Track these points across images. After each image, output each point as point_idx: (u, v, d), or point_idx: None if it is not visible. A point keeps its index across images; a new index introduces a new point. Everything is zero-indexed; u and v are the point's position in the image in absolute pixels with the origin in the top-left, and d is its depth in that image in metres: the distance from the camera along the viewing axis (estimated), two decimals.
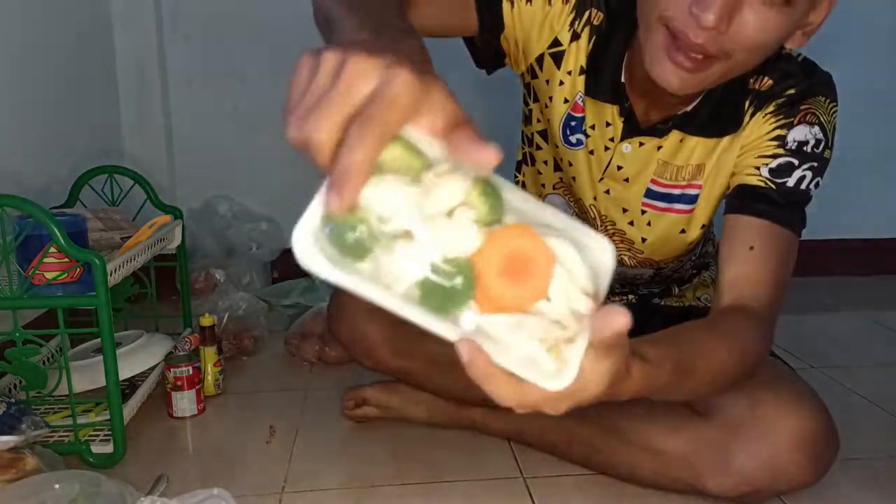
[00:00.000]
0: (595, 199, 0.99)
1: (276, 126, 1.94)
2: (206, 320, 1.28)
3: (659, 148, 0.92)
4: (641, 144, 0.93)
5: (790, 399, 0.85)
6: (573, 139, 0.97)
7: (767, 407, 0.85)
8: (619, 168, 0.95)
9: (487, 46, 0.94)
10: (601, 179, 0.97)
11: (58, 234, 0.95)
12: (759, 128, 0.87)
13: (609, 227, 1.01)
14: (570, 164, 1.00)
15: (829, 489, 0.93)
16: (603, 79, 0.91)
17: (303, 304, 1.71)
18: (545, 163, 1.04)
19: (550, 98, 0.97)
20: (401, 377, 1.11)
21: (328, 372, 1.41)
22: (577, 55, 0.93)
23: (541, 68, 0.95)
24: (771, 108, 0.87)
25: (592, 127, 0.94)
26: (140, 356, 1.23)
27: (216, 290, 1.73)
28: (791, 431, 0.83)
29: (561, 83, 0.95)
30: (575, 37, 0.92)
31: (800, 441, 0.83)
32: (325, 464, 1.05)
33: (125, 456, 1.04)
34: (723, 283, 0.84)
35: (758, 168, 0.86)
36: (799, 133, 0.85)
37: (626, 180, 0.96)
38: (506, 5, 0.89)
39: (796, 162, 0.85)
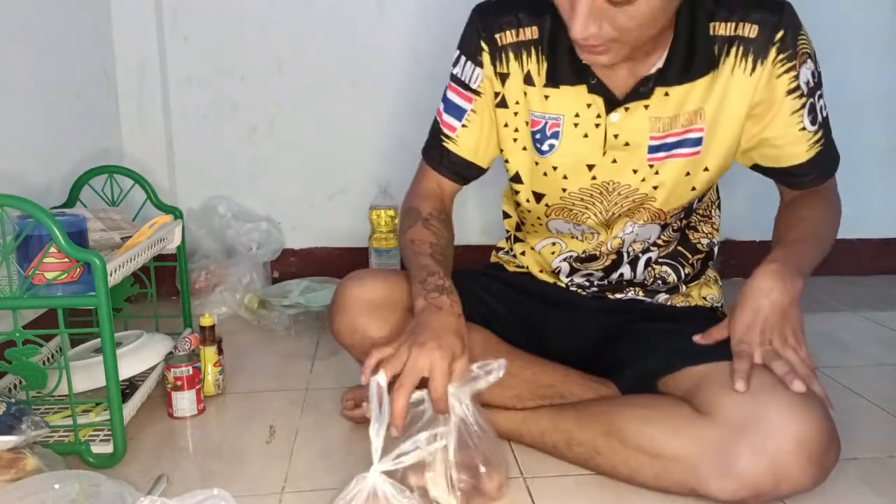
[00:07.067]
0: (594, 177, 1.03)
1: (276, 126, 1.94)
2: (206, 320, 1.28)
3: (646, 107, 0.98)
4: (627, 110, 0.98)
5: (793, 403, 0.85)
6: (545, 147, 1.04)
7: (770, 410, 0.84)
8: (616, 136, 1.00)
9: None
10: (605, 153, 1.01)
11: (58, 234, 0.95)
12: (769, 77, 0.96)
13: (622, 192, 1.04)
14: (555, 169, 1.05)
15: (829, 489, 0.93)
16: (563, 66, 0.99)
17: (303, 304, 1.71)
18: (527, 200, 1.11)
19: (515, 140, 1.07)
20: None
21: (328, 372, 1.41)
22: (516, 82, 1.04)
23: (504, 124, 1.08)
24: (773, 56, 0.95)
25: (576, 114, 1.01)
26: (140, 356, 1.23)
27: (216, 290, 1.74)
28: (794, 436, 0.83)
29: (515, 115, 1.06)
30: (504, 78, 1.05)
31: (802, 445, 0.83)
32: (325, 464, 1.05)
33: (125, 456, 1.04)
34: (784, 195, 1.10)
35: (802, 127, 0.99)
36: (804, 76, 0.97)
37: (627, 145, 1.00)
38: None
39: (813, 99, 0.99)
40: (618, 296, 1.16)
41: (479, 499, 0.91)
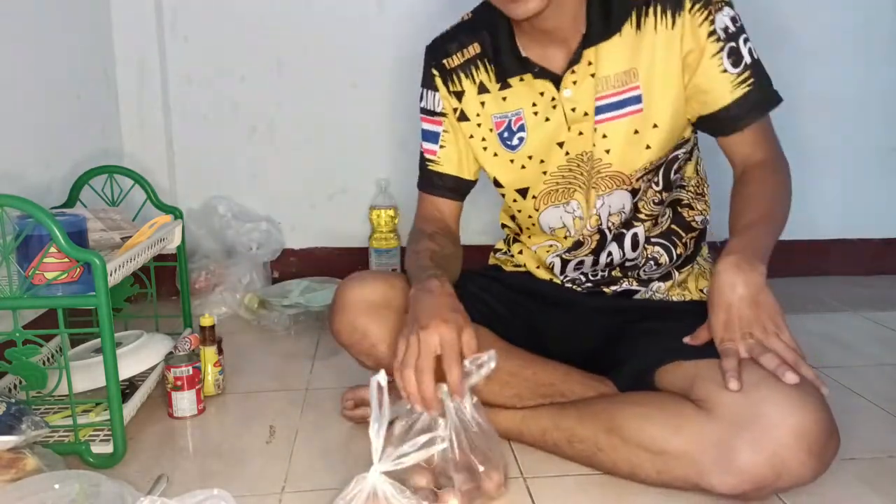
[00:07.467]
0: (567, 153, 1.08)
1: (276, 126, 1.94)
2: (206, 320, 1.28)
3: (592, 75, 1.03)
4: (575, 83, 1.04)
5: (791, 396, 0.85)
6: (515, 141, 1.11)
7: (769, 404, 0.85)
8: (574, 109, 1.05)
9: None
10: (569, 128, 1.06)
11: (58, 234, 0.95)
12: (691, 27, 1.01)
13: (595, 165, 1.07)
14: (530, 158, 1.10)
15: (830, 489, 0.93)
16: (509, 64, 1.07)
17: (303, 304, 1.71)
18: (514, 200, 1.16)
19: (485, 149, 1.14)
20: None
21: (328, 372, 1.41)
22: (472, 97, 1.12)
23: (471, 136, 1.15)
24: (688, 6, 1.00)
25: (533, 104, 1.07)
26: (140, 356, 1.23)
27: (216, 290, 1.74)
28: (792, 428, 0.83)
29: (479, 125, 1.13)
30: (458, 95, 1.14)
31: (801, 438, 0.83)
32: (325, 464, 1.05)
33: (125, 456, 1.04)
34: (733, 163, 1.08)
35: (723, 69, 1.01)
36: (720, 22, 1.01)
37: (586, 115, 1.05)
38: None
39: (734, 43, 1.01)
40: (613, 288, 1.17)
41: (478, 498, 0.91)
